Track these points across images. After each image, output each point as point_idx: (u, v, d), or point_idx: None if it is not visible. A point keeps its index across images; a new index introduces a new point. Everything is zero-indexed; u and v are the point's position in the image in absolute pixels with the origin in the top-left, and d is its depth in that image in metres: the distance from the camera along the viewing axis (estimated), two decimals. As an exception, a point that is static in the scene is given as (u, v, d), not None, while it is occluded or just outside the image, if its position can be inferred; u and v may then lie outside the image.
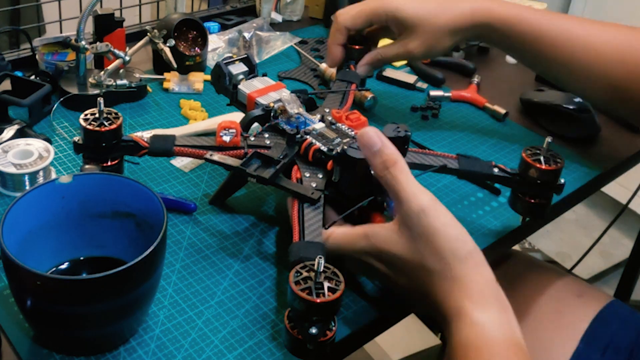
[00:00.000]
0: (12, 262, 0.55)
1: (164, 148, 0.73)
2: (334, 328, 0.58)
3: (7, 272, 0.58)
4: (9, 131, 0.84)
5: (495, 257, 0.84)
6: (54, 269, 0.67)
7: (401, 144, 0.70)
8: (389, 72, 1.13)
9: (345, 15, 0.89)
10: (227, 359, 0.62)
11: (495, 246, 0.80)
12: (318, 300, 0.54)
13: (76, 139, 0.72)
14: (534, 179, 0.74)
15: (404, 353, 1.55)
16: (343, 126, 0.75)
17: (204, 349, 0.63)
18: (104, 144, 0.71)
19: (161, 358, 0.62)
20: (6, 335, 0.62)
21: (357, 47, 0.94)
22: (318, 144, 0.71)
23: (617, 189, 1.98)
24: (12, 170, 0.76)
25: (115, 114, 0.72)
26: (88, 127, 0.70)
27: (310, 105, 0.82)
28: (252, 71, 0.85)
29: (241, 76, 0.83)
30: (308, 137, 0.73)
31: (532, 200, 0.76)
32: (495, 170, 0.76)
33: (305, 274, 0.56)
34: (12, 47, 1.27)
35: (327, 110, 0.80)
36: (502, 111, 1.05)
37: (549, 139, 0.74)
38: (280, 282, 0.71)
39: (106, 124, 0.71)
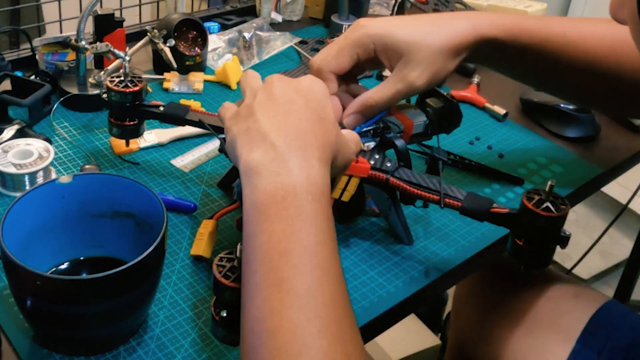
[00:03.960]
0: (12, 262, 0.55)
1: (176, 114, 0.79)
2: None
3: (7, 272, 0.58)
4: (9, 131, 0.84)
5: (494, 259, 0.83)
6: (54, 269, 0.67)
7: None
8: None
9: (325, 59, 0.74)
10: (227, 359, 0.62)
11: (495, 246, 0.80)
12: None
13: (103, 95, 0.79)
14: (532, 226, 0.64)
15: (404, 353, 1.55)
16: None
17: (204, 349, 0.63)
18: (127, 104, 0.78)
19: (161, 358, 0.62)
20: (6, 335, 0.62)
21: None
22: None
23: (617, 189, 1.98)
24: (12, 170, 0.76)
25: (139, 78, 0.78)
26: (113, 87, 0.76)
27: None
28: None
29: None
30: None
31: (530, 249, 0.66)
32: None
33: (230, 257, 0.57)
34: (12, 47, 1.27)
35: None
36: (502, 111, 1.05)
37: (551, 182, 0.63)
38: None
39: (130, 85, 0.77)
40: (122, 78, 0.78)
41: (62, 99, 0.94)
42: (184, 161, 0.88)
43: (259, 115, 0.60)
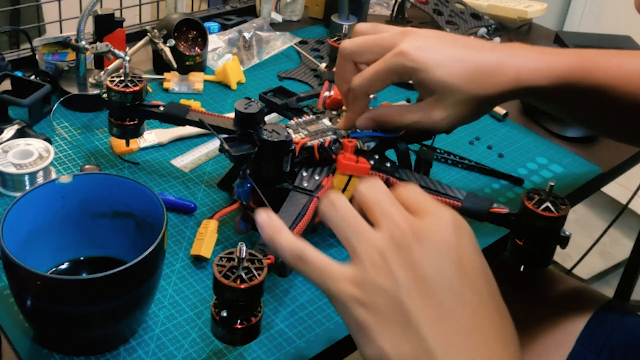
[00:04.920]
0: (12, 262, 0.55)
1: (176, 114, 0.79)
2: (259, 315, 0.57)
3: (7, 272, 0.58)
4: (9, 131, 0.84)
5: (494, 259, 0.83)
6: (54, 269, 0.67)
7: (250, 120, 0.71)
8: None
9: (361, 80, 0.71)
10: (227, 358, 0.62)
11: (495, 246, 0.80)
12: (243, 286, 0.53)
13: (104, 95, 0.79)
14: (532, 226, 0.64)
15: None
16: (326, 121, 0.76)
17: (204, 349, 0.63)
18: (127, 104, 0.78)
19: (161, 358, 0.62)
20: (6, 335, 0.62)
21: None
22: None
23: (617, 189, 1.98)
24: (12, 170, 0.76)
25: (139, 78, 0.78)
26: (113, 87, 0.76)
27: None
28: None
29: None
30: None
31: (530, 249, 0.66)
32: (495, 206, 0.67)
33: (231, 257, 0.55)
34: (12, 47, 1.27)
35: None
36: (502, 111, 1.05)
37: (551, 182, 0.64)
38: (279, 282, 0.71)
39: (130, 85, 0.77)
40: (122, 78, 0.78)
41: (62, 99, 0.94)
42: (184, 161, 0.88)
43: (425, 331, 0.44)
